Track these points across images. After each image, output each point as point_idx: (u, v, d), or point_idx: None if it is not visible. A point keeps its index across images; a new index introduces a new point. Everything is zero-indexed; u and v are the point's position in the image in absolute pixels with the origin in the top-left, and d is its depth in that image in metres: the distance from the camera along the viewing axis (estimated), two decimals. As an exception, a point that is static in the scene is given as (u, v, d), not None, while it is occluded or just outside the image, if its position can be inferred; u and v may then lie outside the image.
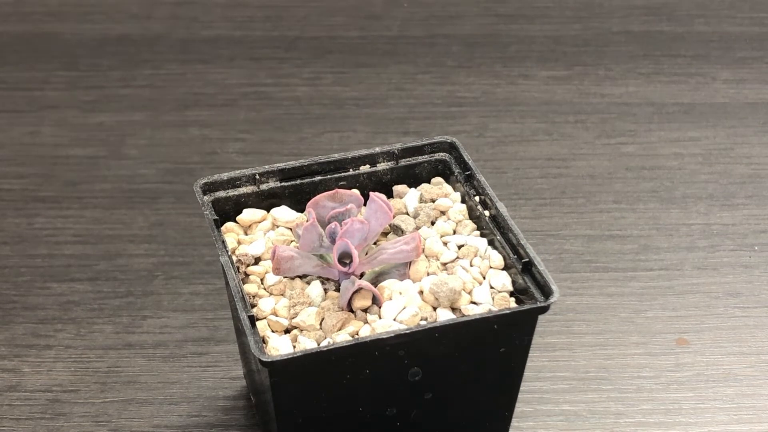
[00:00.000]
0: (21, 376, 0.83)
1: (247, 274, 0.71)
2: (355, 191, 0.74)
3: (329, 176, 0.76)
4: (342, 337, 0.67)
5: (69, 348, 0.85)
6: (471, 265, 0.72)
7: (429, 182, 0.78)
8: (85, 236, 0.95)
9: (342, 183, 0.76)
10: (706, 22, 1.23)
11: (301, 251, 0.70)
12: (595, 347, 0.84)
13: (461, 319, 0.66)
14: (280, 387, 0.66)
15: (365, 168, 0.77)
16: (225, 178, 0.75)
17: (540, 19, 1.24)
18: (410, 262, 0.71)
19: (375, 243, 0.73)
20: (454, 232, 0.74)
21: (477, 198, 0.75)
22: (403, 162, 0.77)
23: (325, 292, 0.70)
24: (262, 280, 0.71)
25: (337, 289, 0.70)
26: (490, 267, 0.71)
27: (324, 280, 0.71)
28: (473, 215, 0.75)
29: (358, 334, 0.67)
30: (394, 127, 1.08)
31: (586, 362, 0.83)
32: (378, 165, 0.77)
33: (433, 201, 0.76)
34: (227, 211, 0.75)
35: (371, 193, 0.71)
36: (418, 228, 0.74)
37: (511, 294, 0.70)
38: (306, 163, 0.76)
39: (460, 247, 0.73)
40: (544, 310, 0.67)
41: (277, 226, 0.74)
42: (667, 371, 0.83)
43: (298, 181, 0.76)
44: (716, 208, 0.97)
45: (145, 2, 1.28)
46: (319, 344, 0.67)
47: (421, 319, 0.68)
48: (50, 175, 1.02)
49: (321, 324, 0.68)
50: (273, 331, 0.68)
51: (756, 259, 0.92)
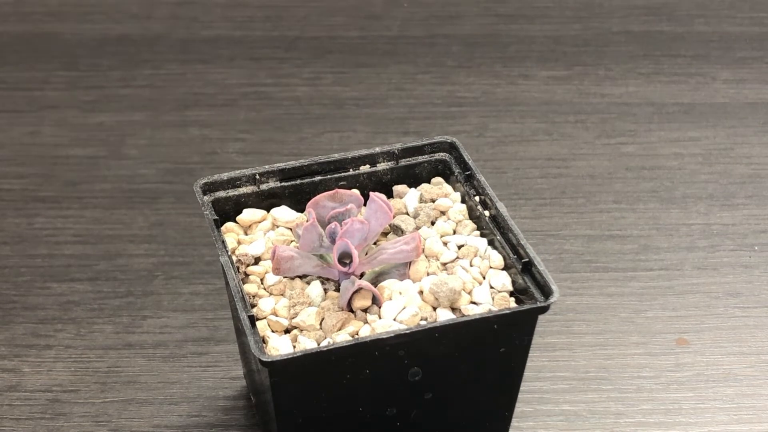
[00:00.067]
0: (21, 376, 0.83)
1: (247, 274, 0.71)
2: (355, 191, 0.74)
3: (329, 176, 0.76)
4: (342, 337, 0.67)
5: (69, 348, 0.85)
6: (471, 265, 0.71)
7: (429, 182, 0.78)
8: (85, 236, 0.95)
9: (342, 183, 0.76)
10: (706, 22, 1.23)
11: (301, 251, 0.70)
12: (595, 347, 0.84)
13: (461, 319, 0.66)
14: (280, 387, 0.66)
15: (365, 168, 0.77)
16: (225, 178, 0.75)
17: (540, 19, 1.24)
18: (410, 262, 0.71)
19: (375, 243, 0.73)
20: (454, 232, 0.74)
21: (477, 198, 0.74)
22: (403, 162, 0.77)
23: (325, 292, 0.70)
24: (262, 280, 0.71)
25: (337, 289, 0.70)
26: (490, 267, 0.71)
27: (324, 280, 0.71)
28: (473, 215, 0.75)
29: (358, 334, 0.67)
30: (394, 127, 1.08)
31: (586, 362, 0.83)
32: (378, 165, 0.77)
33: (433, 201, 0.76)
34: (227, 211, 0.75)
35: (371, 193, 0.71)
36: (418, 228, 0.74)
37: (511, 294, 0.70)
38: (306, 163, 0.76)
39: (460, 247, 0.73)
40: (544, 310, 0.67)
41: (277, 226, 0.74)
42: (667, 371, 0.83)
43: (298, 181, 0.76)
44: (716, 208, 0.97)
45: (145, 2, 1.27)
46: (319, 344, 0.67)
47: (421, 319, 0.68)
48: (50, 175, 1.02)
49: (321, 324, 0.68)
50: (273, 331, 0.68)
51: (756, 259, 0.92)
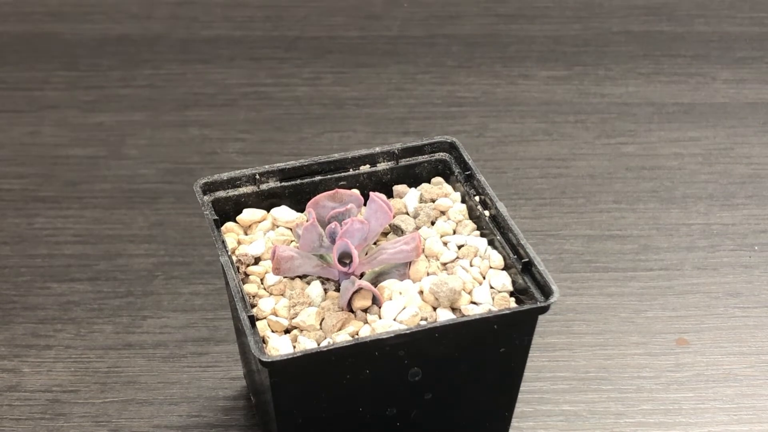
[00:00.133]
0: (21, 376, 0.83)
1: (247, 274, 0.71)
2: (355, 191, 0.74)
3: (329, 176, 0.76)
4: (342, 337, 0.67)
5: (69, 348, 0.85)
6: (471, 265, 0.71)
7: (429, 182, 0.78)
8: (85, 236, 0.95)
9: (342, 183, 0.76)
10: (706, 22, 1.23)
11: (301, 251, 0.70)
12: (595, 347, 0.84)
13: (461, 319, 0.66)
14: (280, 387, 0.66)
15: (365, 168, 0.77)
16: (225, 178, 0.75)
17: (540, 19, 1.24)
18: (410, 262, 0.71)
19: (375, 243, 0.73)
20: (454, 232, 0.74)
21: (477, 198, 0.74)
22: (403, 162, 0.77)
23: (325, 292, 0.70)
24: (262, 280, 0.71)
25: (337, 289, 0.70)
26: (490, 267, 0.71)
27: (324, 280, 0.71)
28: (473, 215, 0.75)
29: (358, 334, 0.67)
30: (394, 127, 1.08)
31: (586, 362, 0.83)
32: (378, 165, 0.77)
33: (433, 201, 0.76)
34: (227, 211, 0.75)
35: (371, 193, 0.71)
36: (418, 228, 0.74)
37: (511, 294, 0.70)
38: (306, 163, 0.76)
39: (460, 247, 0.73)
40: (544, 310, 0.67)
41: (277, 226, 0.74)
42: (667, 371, 0.83)
43: (298, 181, 0.76)
44: (716, 208, 0.97)
45: (145, 2, 1.27)
46: (319, 344, 0.67)
47: (421, 319, 0.68)
48: (50, 175, 1.02)
49: (321, 324, 0.68)
50: (273, 331, 0.68)
51: (756, 259, 0.92)
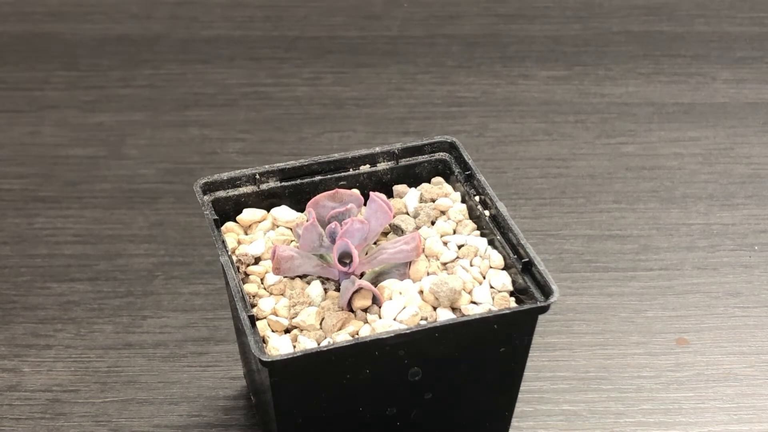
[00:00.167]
0: (21, 376, 0.83)
1: (247, 274, 0.71)
2: (355, 191, 0.74)
3: (329, 176, 0.76)
4: (342, 337, 0.67)
5: (69, 348, 0.85)
6: (471, 265, 0.71)
7: (429, 182, 0.78)
8: (85, 236, 0.95)
9: (342, 183, 0.76)
10: (706, 22, 1.23)
11: (301, 251, 0.70)
12: (595, 347, 0.84)
13: (461, 319, 0.66)
14: (280, 387, 0.66)
15: (365, 168, 0.77)
16: (225, 178, 0.75)
17: (540, 19, 1.24)
18: (410, 262, 0.71)
19: (375, 243, 0.73)
20: (454, 232, 0.74)
21: (477, 198, 0.74)
22: (403, 162, 0.77)
23: (325, 292, 0.70)
24: (262, 280, 0.71)
25: (337, 289, 0.70)
26: (490, 267, 0.71)
27: (324, 280, 0.71)
28: (473, 215, 0.75)
29: (358, 334, 0.67)
30: (394, 127, 1.08)
31: (586, 362, 0.83)
32: (378, 165, 0.77)
33: (433, 201, 0.76)
34: (227, 211, 0.75)
35: (371, 193, 0.71)
36: (418, 228, 0.74)
37: (511, 294, 0.70)
38: (306, 163, 0.76)
39: (460, 246, 0.73)
40: (544, 310, 0.67)
41: (277, 226, 0.74)
42: (667, 371, 0.83)
43: (298, 181, 0.76)
44: (716, 208, 0.97)
45: (145, 2, 1.27)
46: (319, 344, 0.67)
47: (421, 319, 0.68)
48: (50, 175, 1.02)
49: (321, 324, 0.68)
50: (273, 331, 0.68)
51: (756, 259, 0.92)
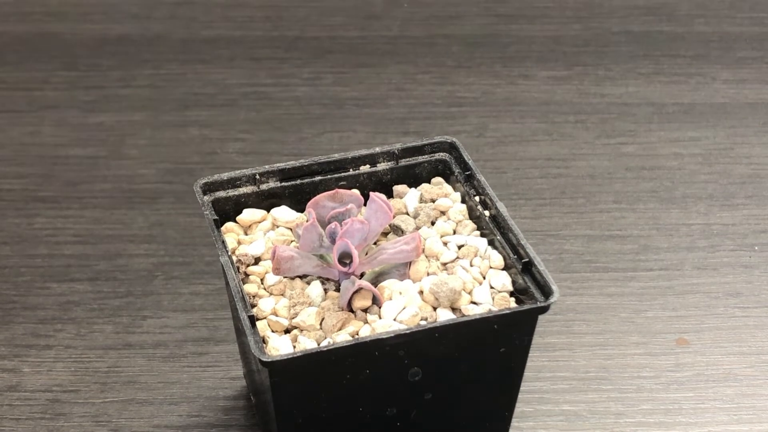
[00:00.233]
0: (21, 376, 0.83)
1: (247, 274, 0.71)
2: (355, 191, 0.74)
3: (329, 176, 0.76)
4: (342, 337, 0.67)
5: (69, 348, 0.85)
6: (471, 265, 0.71)
7: (429, 182, 0.78)
8: (85, 236, 0.95)
9: (342, 183, 0.76)
10: (706, 22, 1.23)
11: (301, 251, 0.70)
12: (595, 347, 0.84)
13: (461, 319, 0.66)
14: (280, 387, 0.66)
15: (365, 168, 0.77)
16: (225, 178, 0.75)
17: (540, 19, 1.24)
18: (410, 262, 0.71)
19: (375, 243, 0.73)
20: (454, 232, 0.74)
21: (477, 198, 0.74)
22: (403, 162, 0.77)
23: (325, 292, 0.70)
24: (262, 280, 0.71)
25: (337, 289, 0.70)
26: (490, 267, 0.71)
27: (324, 280, 0.71)
28: (473, 215, 0.75)
29: (358, 334, 0.67)
30: (394, 127, 1.08)
31: (586, 362, 0.83)
32: (378, 165, 0.77)
33: (433, 201, 0.76)
34: (227, 211, 0.75)
35: (371, 193, 0.71)
36: (418, 228, 0.74)
37: (511, 294, 0.70)
38: (306, 163, 0.76)
39: (460, 247, 0.73)
40: (544, 310, 0.67)
41: (277, 226, 0.74)
42: (667, 371, 0.83)
43: (298, 181, 0.76)
44: (716, 208, 0.97)
45: (145, 2, 1.27)
46: (319, 344, 0.67)
47: (421, 319, 0.68)
48: (50, 175, 1.02)
49: (321, 324, 0.68)
50: (273, 331, 0.68)
51: (756, 259, 0.92)
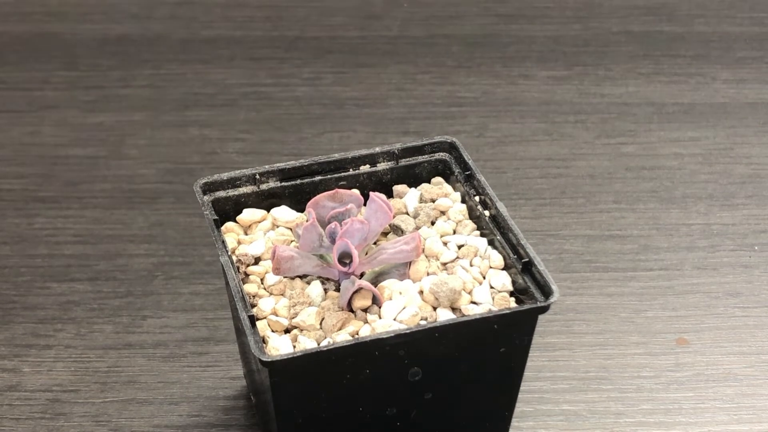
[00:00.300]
0: (21, 376, 0.83)
1: (247, 274, 0.71)
2: (355, 191, 0.74)
3: (329, 176, 0.76)
4: (342, 337, 0.67)
5: (69, 348, 0.85)
6: (471, 265, 0.71)
7: (429, 182, 0.78)
8: (85, 236, 0.95)
9: (342, 183, 0.76)
10: (706, 22, 1.23)
11: (301, 251, 0.70)
12: (595, 347, 0.84)
13: (461, 319, 0.66)
14: (280, 387, 0.66)
15: (365, 168, 0.77)
16: (225, 178, 0.75)
17: (540, 19, 1.24)
18: (410, 262, 0.71)
19: (375, 243, 0.73)
20: (454, 232, 0.74)
21: (477, 198, 0.74)
22: (403, 162, 0.77)
23: (325, 292, 0.70)
24: (262, 280, 0.71)
25: (337, 289, 0.70)
26: (490, 267, 0.71)
27: (324, 280, 0.71)
28: (473, 215, 0.75)
29: (358, 334, 0.67)
30: (394, 127, 1.08)
31: (586, 362, 0.83)
32: (378, 165, 0.77)
33: (433, 201, 0.76)
34: (227, 211, 0.75)
35: (371, 193, 0.71)
36: (418, 228, 0.74)
37: (511, 294, 0.70)
38: (306, 163, 0.76)
39: (460, 247, 0.73)
40: (544, 310, 0.67)
41: (277, 226, 0.74)
42: (667, 371, 0.83)
43: (298, 181, 0.76)
44: (716, 208, 0.97)
45: (145, 2, 1.27)
46: (319, 344, 0.67)
47: (421, 319, 0.68)
48: (50, 175, 1.02)
49: (321, 324, 0.68)
50: (273, 331, 0.68)
51: (756, 259, 0.92)
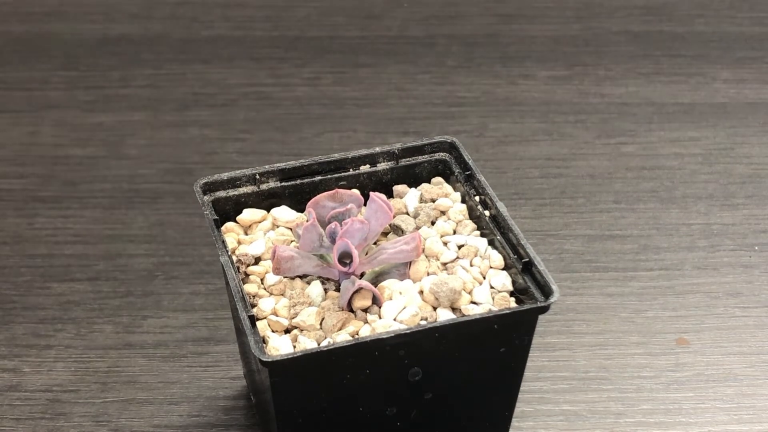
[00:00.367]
0: (21, 376, 0.83)
1: (247, 274, 0.71)
2: (355, 191, 0.74)
3: (329, 176, 0.76)
4: (342, 337, 0.67)
5: (69, 348, 0.85)
6: (471, 265, 0.71)
7: (429, 182, 0.78)
8: (85, 236, 0.95)
9: (342, 183, 0.76)
10: (706, 22, 1.23)
11: (301, 251, 0.70)
12: (595, 347, 0.84)
13: (461, 319, 0.66)
14: (280, 387, 0.66)
15: (365, 168, 0.77)
16: (225, 178, 0.75)
17: (540, 19, 1.24)
18: (410, 262, 0.71)
19: (375, 243, 0.73)
20: (454, 232, 0.74)
21: (477, 198, 0.74)
22: (403, 162, 0.77)
23: (325, 292, 0.70)
24: (262, 280, 0.71)
25: (337, 289, 0.70)
26: (490, 267, 0.71)
27: (324, 280, 0.71)
28: (473, 215, 0.75)
29: (358, 334, 0.67)
30: (394, 127, 1.08)
31: (586, 362, 0.83)
32: (378, 165, 0.77)
33: (433, 201, 0.76)
34: (227, 211, 0.75)
35: (371, 193, 0.71)
36: (418, 228, 0.74)
37: (511, 294, 0.70)
38: (306, 163, 0.76)
39: (460, 247, 0.73)
40: (544, 310, 0.67)
41: (277, 226, 0.74)
42: (667, 371, 0.83)
43: (298, 181, 0.76)
44: (716, 208, 0.97)
45: (145, 2, 1.27)
46: (319, 344, 0.67)
47: (421, 319, 0.68)
48: (50, 175, 1.02)
49: (321, 324, 0.68)
50: (273, 331, 0.68)
51: (756, 259, 0.92)
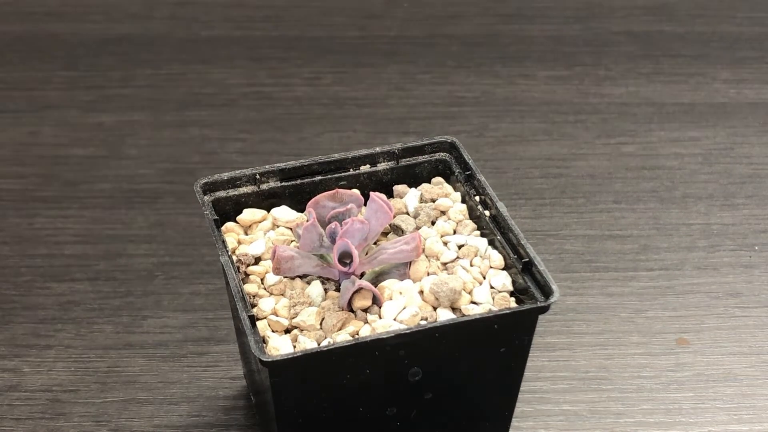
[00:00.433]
0: (21, 376, 0.83)
1: (247, 274, 0.71)
2: (356, 191, 0.74)
3: (329, 176, 0.76)
4: (342, 337, 0.67)
5: (69, 348, 0.85)
6: (471, 265, 0.71)
7: (429, 182, 0.78)
8: (85, 236, 0.95)
9: (342, 183, 0.76)
10: (706, 22, 1.23)
11: (301, 251, 0.70)
12: (595, 347, 0.84)
13: (461, 319, 0.66)
14: (280, 387, 0.66)
15: (365, 168, 0.77)
16: (225, 178, 0.75)
17: (540, 19, 1.24)
18: (410, 262, 0.71)
19: (375, 243, 0.73)
20: (455, 232, 0.74)
21: (477, 198, 0.74)
22: (404, 162, 0.77)
23: (326, 292, 0.70)
24: (262, 280, 0.71)
25: (337, 289, 0.70)
26: (491, 267, 0.71)
27: (324, 280, 0.71)
28: (473, 215, 0.75)
29: (358, 334, 0.67)
30: (394, 127, 1.08)
31: (586, 362, 0.83)
32: (378, 165, 0.77)
33: (434, 201, 0.76)
34: (227, 211, 0.75)
35: (371, 193, 0.71)
36: (418, 228, 0.74)
37: (511, 294, 0.70)
38: (306, 163, 0.76)
39: (460, 247, 0.73)
40: (544, 310, 0.67)
41: (277, 226, 0.74)
42: (667, 371, 0.83)
43: (298, 181, 0.76)
44: (716, 208, 0.97)
45: (145, 2, 1.27)
46: (319, 344, 0.67)
47: (422, 319, 0.68)
48: (50, 175, 1.02)
49: (321, 324, 0.68)
50: (273, 331, 0.68)
51: (756, 259, 0.92)
